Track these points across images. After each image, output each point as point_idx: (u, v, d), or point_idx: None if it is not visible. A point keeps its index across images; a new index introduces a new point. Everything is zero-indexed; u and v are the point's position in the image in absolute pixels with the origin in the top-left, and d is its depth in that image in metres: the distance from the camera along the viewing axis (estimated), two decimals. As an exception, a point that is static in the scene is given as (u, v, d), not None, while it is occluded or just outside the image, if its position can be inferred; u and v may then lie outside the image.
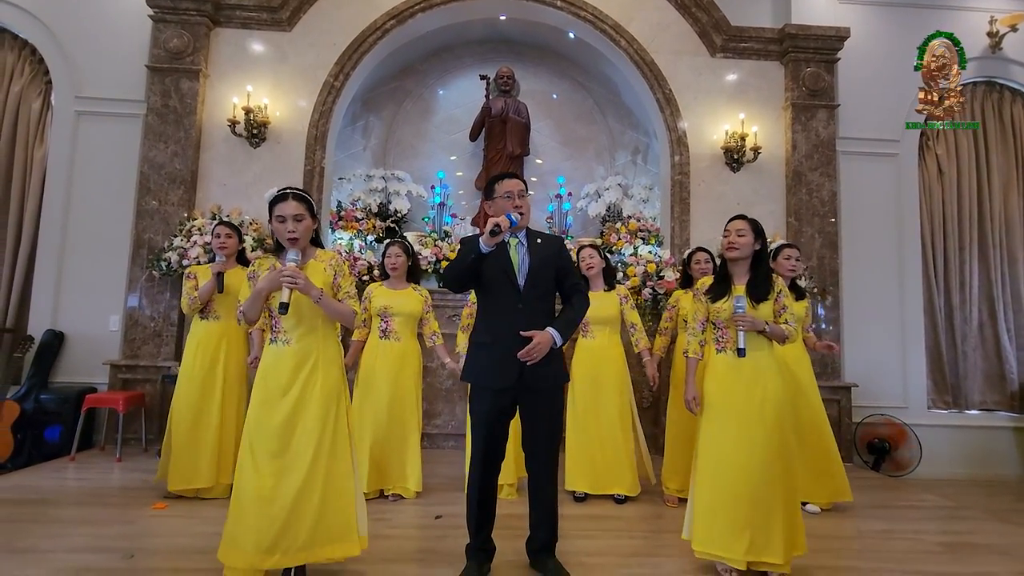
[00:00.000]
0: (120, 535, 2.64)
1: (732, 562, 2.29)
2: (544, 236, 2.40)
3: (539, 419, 2.26)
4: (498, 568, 2.35)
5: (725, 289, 2.46)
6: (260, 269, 2.20)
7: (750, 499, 2.27)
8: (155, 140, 4.79)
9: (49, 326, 4.72)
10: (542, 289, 2.29)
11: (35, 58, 5.00)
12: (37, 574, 2.19)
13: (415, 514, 3.09)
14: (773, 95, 5.25)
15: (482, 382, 2.27)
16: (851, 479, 3.31)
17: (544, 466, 2.27)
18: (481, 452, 2.27)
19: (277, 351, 2.17)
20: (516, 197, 2.29)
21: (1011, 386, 5.22)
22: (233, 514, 2.09)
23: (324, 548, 2.10)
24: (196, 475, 3.16)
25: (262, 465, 2.08)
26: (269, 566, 2.04)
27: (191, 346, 3.31)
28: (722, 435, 2.36)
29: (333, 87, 5.07)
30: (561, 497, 3.25)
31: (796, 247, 3.45)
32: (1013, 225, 5.34)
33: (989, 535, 3.07)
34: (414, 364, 3.39)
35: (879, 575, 2.48)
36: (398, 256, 3.42)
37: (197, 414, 3.20)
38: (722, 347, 2.45)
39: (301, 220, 2.13)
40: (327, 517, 2.10)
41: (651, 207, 5.65)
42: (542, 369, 2.21)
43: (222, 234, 3.40)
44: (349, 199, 5.51)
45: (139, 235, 4.71)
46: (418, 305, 3.41)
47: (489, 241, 2.16)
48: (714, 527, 2.31)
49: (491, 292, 2.27)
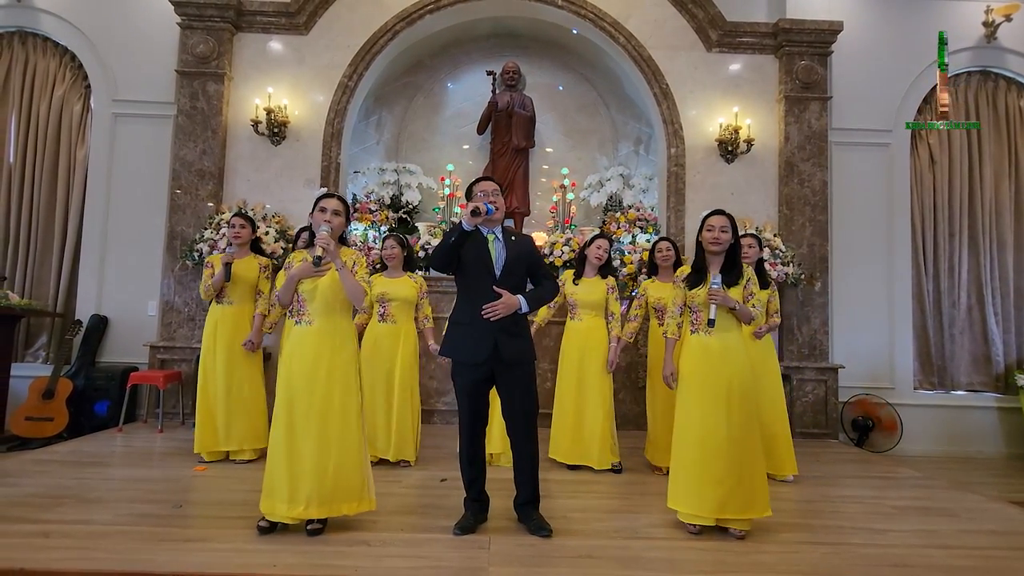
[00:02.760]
0: (168, 490, 3.08)
1: (701, 520, 2.62)
2: (518, 235, 2.75)
3: (514, 390, 2.61)
4: (491, 521, 2.72)
5: (702, 278, 2.73)
6: (294, 260, 2.59)
7: (720, 463, 2.58)
8: (185, 139, 5.19)
9: (94, 311, 5.20)
10: (516, 279, 2.64)
11: (75, 64, 5.42)
12: (107, 518, 2.63)
13: (421, 477, 3.48)
14: (767, 88, 5.44)
15: (460, 357, 2.63)
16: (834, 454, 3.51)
17: (522, 431, 2.63)
18: (467, 418, 2.65)
19: (301, 331, 2.56)
20: (490, 195, 2.64)
21: (997, 368, 5.42)
22: (269, 471, 2.50)
23: (343, 504, 2.49)
24: (220, 440, 3.60)
25: (291, 429, 2.48)
26: (298, 515, 2.44)
27: (209, 328, 3.73)
28: (695, 407, 2.67)
29: (347, 87, 5.40)
30: (548, 464, 3.64)
31: (751, 235, 3.77)
32: (1003, 212, 5.49)
33: (944, 501, 3.35)
34: (410, 345, 3.74)
35: (826, 532, 2.79)
36: (393, 248, 3.78)
37: (217, 387, 3.63)
38: (696, 329, 2.75)
39: (338, 214, 2.55)
40: (343, 478, 2.48)
41: (651, 196, 5.90)
42: (512, 344, 2.56)
43: (236, 224, 3.80)
44: (363, 192, 5.87)
45: (172, 227, 5.14)
46: (413, 291, 3.75)
47: (470, 220, 2.49)
48: (689, 488, 2.64)
49: (471, 279, 2.62)
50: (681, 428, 2.72)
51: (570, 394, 3.72)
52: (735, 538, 2.59)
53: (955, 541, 2.69)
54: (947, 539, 2.71)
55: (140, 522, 2.59)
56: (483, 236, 2.64)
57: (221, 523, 2.62)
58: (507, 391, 2.63)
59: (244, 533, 2.49)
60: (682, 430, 2.72)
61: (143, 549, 2.31)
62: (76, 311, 5.23)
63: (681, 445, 2.71)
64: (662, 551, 2.49)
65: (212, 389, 3.64)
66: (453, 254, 2.55)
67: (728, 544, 2.55)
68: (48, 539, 2.38)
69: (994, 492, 3.87)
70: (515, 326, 2.61)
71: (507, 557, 2.37)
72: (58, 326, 5.32)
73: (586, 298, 3.71)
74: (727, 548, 2.52)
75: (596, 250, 3.77)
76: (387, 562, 2.30)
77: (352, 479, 2.51)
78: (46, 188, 5.34)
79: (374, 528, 2.61)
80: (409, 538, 2.53)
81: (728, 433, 2.60)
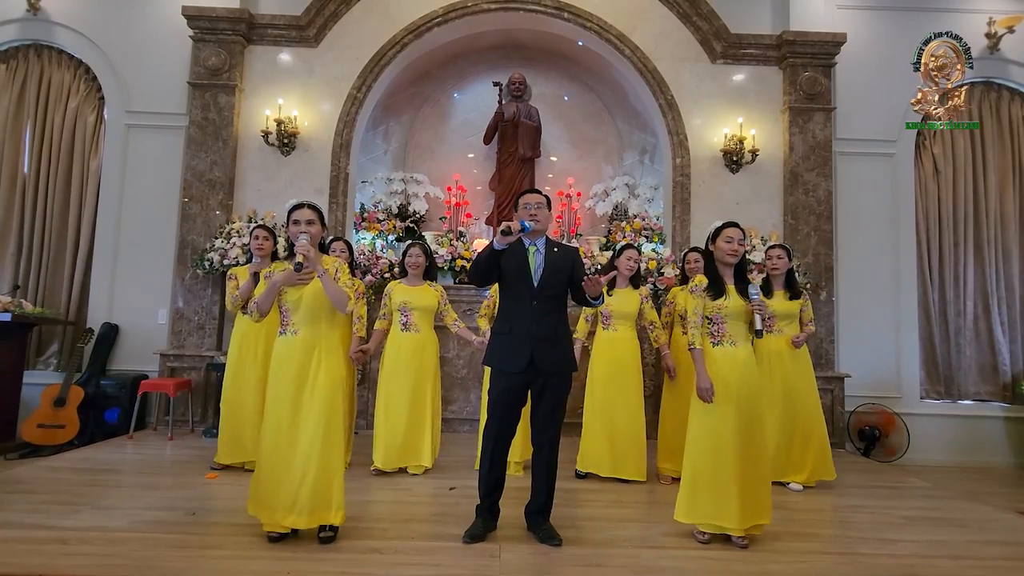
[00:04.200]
0: (181, 497, 3.11)
1: (711, 528, 2.63)
2: (561, 247, 2.75)
3: (547, 399, 2.63)
4: (501, 529, 2.73)
5: (721, 289, 2.73)
6: (276, 270, 2.63)
7: (741, 476, 2.58)
8: (196, 150, 5.26)
9: (106, 319, 5.25)
10: (553, 290, 2.65)
11: (89, 76, 5.51)
12: (121, 524, 2.66)
13: (432, 486, 3.50)
14: (772, 99, 5.49)
15: (500, 366, 2.66)
16: (842, 464, 3.55)
17: (548, 439, 2.65)
18: (496, 428, 2.66)
19: (287, 341, 2.59)
20: (533, 208, 2.68)
21: (1004, 377, 5.42)
22: (257, 477, 2.54)
23: (327, 513, 2.49)
24: (242, 450, 3.62)
25: (277, 438, 2.50)
26: (288, 523, 2.46)
27: (236, 339, 3.75)
28: (718, 420, 2.65)
29: (356, 98, 5.48)
30: (565, 473, 3.65)
31: (781, 247, 3.78)
32: (1008, 222, 5.51)
33: (953, 511, 3.35)
34: (432, 353, 3.78)
35: (835, 541, 2.80)
36: (418, 256, 3.81)
37: (243, 398, 3.65)
38: (717, 340, 2.73)
39: (312, 223, 2.58)
40: (322, 488, 2.48)
41: (656, 206, 5.95)
42: (550, 354, 2.59)
43: (260, 236, 3.81)
44: (371, 201, 5.93)
45: (183, 237, 5.20)
46: (434, 300, 3.79)
47: (501, 240, 2.51)
48: (705, 500, 2.64)
49: (511, 289, 2.66)
50: (695, 439, 2.72)
51: (605, 404, 3.69)
52: (739, 547, 2.60)
53: (965, 552, 2.69)
54: (957, 549, 2.72)
55: (155, 529, 2.62)
56: (524, 247, 2.67)
57: (235, 530, 2.64)
58: (541, 401, 2.64)
59: (257, 540, 2.51)
60: (696, 441, 2.71)
61: (160, 556, 2.34)
62: (88, 319, 5.29)
63: (697, 457, 2.70)
64: (672, 560, 2.50)
65: (235, 399, 3.65)
66: (486, 271, 2.60)
67: (738, 553, 2.56)
68: (66, 545, 2.41)
69: (1003, 502, 3.87)
70: (554, 336, 2.64)
71: (518, 565, 2.38)
72: (70, 334, 5.38)
73: (621, 308, 3.74)
74: (737, 557, 2.53)
75: (627, 261, 3.79)
76: (399, 570, 2.32)
77: (329, 489, 2.49)
78: (59, 198, 5.41)
79: (385, 536, 2.63)
80: (420, 546, 2.55)
81: (741, 443, 2.61)
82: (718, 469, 2.63)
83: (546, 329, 2.60)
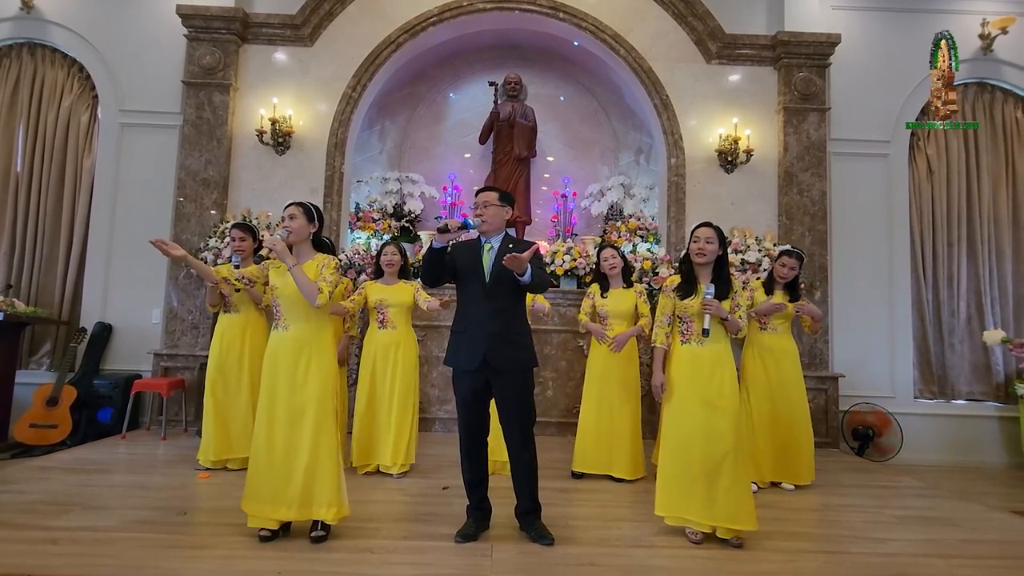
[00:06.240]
0: (172, 497, 3.10)
1: (693, 524, 2.64)
2: (518, 243, 2.71)
3: (508, 398, 2.62)
4: (494, 528, 2.73)
5: (692, 288, 2.78)
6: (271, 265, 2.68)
7: (706, 472, 2.60)
8: (191, 149, 5.24)
9: (99, 319, 5.23)
10: (507, 287, 2.60)
11: (83, 75, 5.49)
12: (113, 524, 2.65)
13: (424, 485, 3.48)
14: (766, 99, 5.50)
15: (456, 365, 2.66)
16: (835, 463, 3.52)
17: (517, 440, 2.63)
18: (465, 425, 2.68)
19: (278, 335, 2.62)
20: (480, 206, 2.67)
21: (997, 377, 5.44)
22: (250, 473, 2.55)
23: (320, 508, 2.49)
24: (227, 449, 3.61)
25: (270, 433, 2.52)
26: (279, 517, 2.48)
27: (217, 337, 3.76)
28: (684, 416, 2.70)
29: (351, 97, 5.47)
30: (560, 473, 3.65)
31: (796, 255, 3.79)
32: (1001, 222, 5.53)
33: (945, 510, 3.36)
34: (409, 350, 3.75)
35: (828, 541, 2.80)
36: (394, 255, 3.79)
37: (225, 396, 3.65)
38: (687, 339, 2.78)
39: (294, 217, 2.61)
40: (316, 483, 2.49)
41: (651, 206, 5.95)
42: (504, 352, 2.58)
43: (236, 236, 3.77)
44: (366, 201, 5.92)
45: (177, 236, 5.18)
46: (409, 296, 3.76)
47: (439, 238, 2.52)
48: (674, 494, 2.67)
49: (465, 288, 2.67)
50: (668, 436, 2.77)
51: (601, 403, 3.70)
52: (733, 547, 2.60)
53: (957, 551, 2.70)
54: (949, 548, 2.72)
55: (146, 529, 2.61)
56: (480, 245, 2.67)
57: (226, 530, 2.63)
58: (501, 399, 2.64)
59: (248, 540, 2.51)
60: (668, 438, 2.76)
61: (151, 556, 2.33)
62: (81, 319, 5.26)
63: (667, 452, 2.74)
64: (664, 559, 2.50)
65: (220, 397, 3.65)
66: (430, 270, 2.60)
67: (730, 553, 2.56)
68: (56, 545, 2.40)
69: (995, 502, 3.87)
70: (509, 333, 2.61)
71: (509, 565, 2.38)
72: (63, 333, 5.35)
73: (616, 308, 3.74)
74: (729, 556, 2.53)
75: (604, 262, 3.81)
76: (390, 569, 2.32)
77: (325, 484, 2.51)
78: (53, 197, 5.38)
79: (377, 536, 2.63)
80: (412, 546, 2.54)
81: (714, 441, 2.62)
82: (681, 463, 2.67)
83: (499, 327, 2.58)
